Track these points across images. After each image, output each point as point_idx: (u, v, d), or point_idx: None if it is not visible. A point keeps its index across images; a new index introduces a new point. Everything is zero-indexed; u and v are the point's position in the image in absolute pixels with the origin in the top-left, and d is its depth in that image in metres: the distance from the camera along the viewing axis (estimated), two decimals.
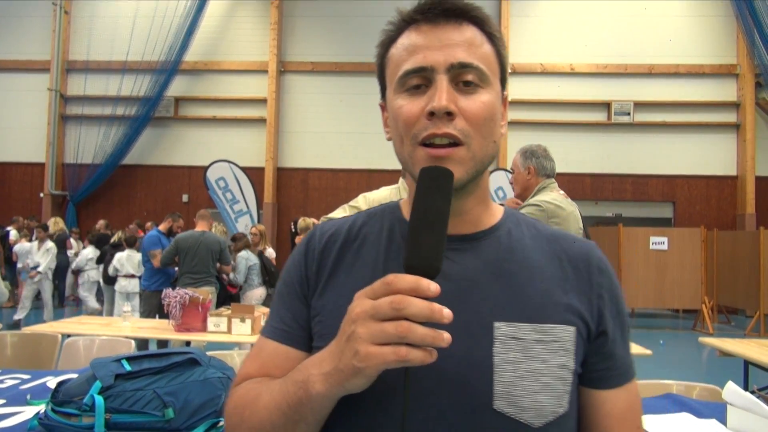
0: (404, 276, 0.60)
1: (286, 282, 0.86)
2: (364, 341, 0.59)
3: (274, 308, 0.87)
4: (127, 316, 4.56)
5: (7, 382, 2.23)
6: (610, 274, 0.83)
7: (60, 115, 13.14)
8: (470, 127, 0.74)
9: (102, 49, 13.02)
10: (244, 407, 0.76)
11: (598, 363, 0.79)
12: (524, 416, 0.70)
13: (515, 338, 0.73)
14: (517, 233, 0.83)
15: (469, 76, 0.74)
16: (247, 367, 0.83)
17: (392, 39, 0.81)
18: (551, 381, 0.72)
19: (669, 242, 9.99)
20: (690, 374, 6.16)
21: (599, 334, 0.78)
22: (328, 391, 0.64)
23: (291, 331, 0.82)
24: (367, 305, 0.60)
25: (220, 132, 12.96)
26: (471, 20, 0.78)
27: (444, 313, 0.58)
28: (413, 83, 0.75)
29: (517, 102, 12.30)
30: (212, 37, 12.92)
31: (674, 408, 2.10)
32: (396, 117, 0.77)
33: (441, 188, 0.64)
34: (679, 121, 12.16)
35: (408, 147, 0.76)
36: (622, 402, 0.80)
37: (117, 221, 12.14)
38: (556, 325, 0.75)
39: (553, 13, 12.52)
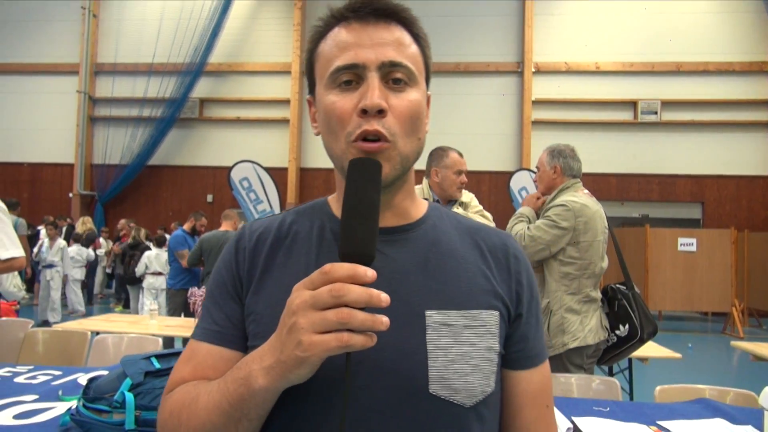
0: (341, 264, 0.62)
1: (218, 283, 0.85)
2: (306, 331, 0.60)
3: (205, 310, 0.85)
4: (154, 314, 4.63)
5: (40, 378, 2.27)
6: (526, 261, 0.89)
7: (88, 117, 13.42)
8: (399, 124, 0.76)
9: (129, 52, 13.26)
10: (181, 410, 0.74)
11: (515, 345, 0.85)
12: (457, 397, 0.75)
13: (446, 325, 0.77)
14: (442, 225, 0.87)
15: (398, 74, 0.77)
16: (180, 372, 0.82)
17: (322, 35, 0.82)
18: (480, 363, 0.77)
19: (698, 243, 9.78)
20: (721, 379, 6.03)
21: (516, 317, 0.84)
22: (271, 384, 0.65)
23: (225, 332, 0.81)
24: (307, 296, 0.62)
25: (244, 133, 13.08)
26: (400, 21, 0.80)
27: (382, 297, 0.60)
28: (344, 79, 0.77)
29: (542, 101, 12.18)
30: (236, 38, 13.05)
31: (708, 413, 2.05)
32: (328, 113, 0.78)
33: (371, 178, 0.67)
34: (708, 120, 11.89)
35: (342, 144, 0.77)
36: (534, 382, 0.86)
37: (143, 221, 12.35)
38: (482, 311, 0.80)
39: (577, 10, 12.36)
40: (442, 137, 11.15)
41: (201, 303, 4.22)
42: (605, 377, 2.61)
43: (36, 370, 2.41)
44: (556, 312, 2.80)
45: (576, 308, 2.79)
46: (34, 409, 1.85)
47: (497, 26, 12.57)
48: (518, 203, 10.89)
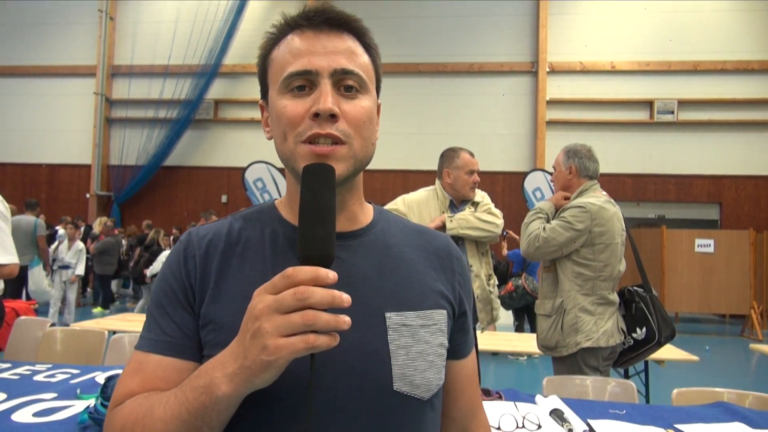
0: (303, 267, 0.62)
1: (165, 291, 0.82)
2: (271, 335, 0.61)
3: (151, 320, 0.82)
4: None
5: (58, 377, 2.31)
6: (464, 261, 0.97)
7: (105, 118, 13.58)
8: (351, 128, 0.79)
9: (145, 54, 13.40)
10: (135, 424, 0.72)
11: (458, 338, 0.93)
12: (417, 392, 0.80)
13: (404, 325, 0.81)
14: (390, 229, 0.91)
15: (350, 81, 0.80)
16: (127, 385, 0.79)
17: (275, 41, 0.84)
18: (434, 359, 0.83)
19: (715, 245, 9.65)
20: (739, 382, 5.94)
21: (461, 314, 0.92)
22: (234, 390, 0.65)
23: (176, 342, 0.79)
24: (270, 300, 0.62)
25: (258, 133, 13.15)
26: (351, 31, 0.83)
27: (344, 297, 0.62)
28: (297, 85, 0.79)
29: (557, 101, 12.10)
30: (250, 40, 13.13)
31: (726, 417, 2.02)
32: (280, 116, 0.80)
33: (325, 182, 0.68)
34: (725, 119, 11.73)
35: (291, 144, 0.79)
36: (469, 366, 0.97)
37: (159, 221, 12.47)
38: (433, 311, 0.85)
39: (592, 10, 12.26)
40: (457, 137, 11.12)
41: None
42: (621, 380, 2.59)
43: (54, 368, 2.45)
44: (570, 311, 2.77)
45: (590, 309, 2.76)
46: (53, 407, 1.88)
47: (511, 26, 12.51)
48: (532, 204, 10.82)
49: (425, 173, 11.38)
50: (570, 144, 3.06)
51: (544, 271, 2.98)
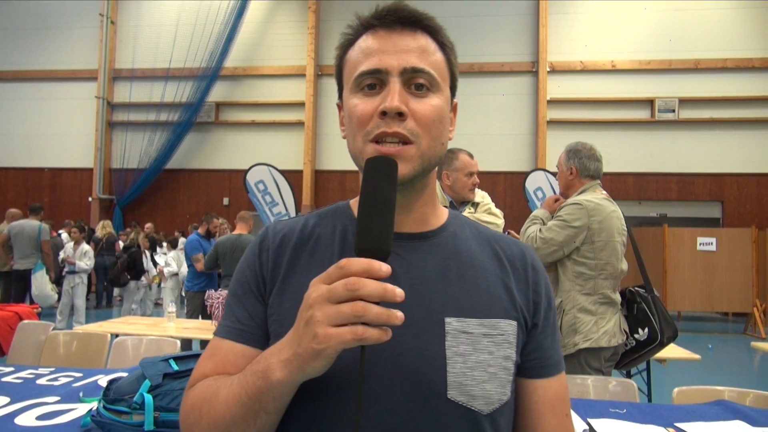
0: (356, 259, 0.63)
1: (241, 282, 0.87)
2: (322, 324, 0.62)
3: (228, 309, 0.87)
4: (171, 316, 4.68)
5: (61, 380, 2.31)
6: (543, 272, 0.91)
7: (107, 122, 13.62)
8: (419, 127, 0.78)
9: (146, 57, 13.44)
10: (202, 404, 0.76)
11: (531, 354, 0.86)
12: (474, 404, 0.76)
13: (464, 332, 0.78)
14: (462, 234, 0.89)
15: (420, 80, 0.79)
16: (202, 368, 0.84)
17: (350, 42, 0.85)
18: (497, 371, 0.79)
19: (717, 243, 9.64)
20: (742, 380, 5.93)
21: (533, 327, 0.86)
22: (288, 377, 0.66)
23: (247, 330, 0.83)
24: (323, 289, 0.63)
25: (260, 136, 13.18)
26: (425, 29, 0.83)
27: (396, 291, 0.61)
28: (367, 83, 0.79)
29: (557, 101, 12.10)
30: (251, 42, 13.16)
31: (727, 415, 2.02)
32: (351, 114, 0.81)
33: (386, 176, 0.68)
34: (727, 117, 11.72)
35: (360, 143, 0.79)
36: (552, 391, 0.87)
37: (161, 224, 12.51)
38: (500, 320, 0.81)
39: (592, 9, 12.26)
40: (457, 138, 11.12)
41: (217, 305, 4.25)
42: (622, 378, 2.59)
43: (57, 371, 2.46)
44: (569, 311, 2.76)
45: (591, 309, 2.75)
46: (56, 411, 1.89)
47: (511, 26, 12.51)
48: (534, 203, 10.82)
49: None
50: (572, 143, 3.04)
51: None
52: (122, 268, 8.36)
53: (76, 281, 7.78)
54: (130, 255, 8.51)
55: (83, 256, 7.88)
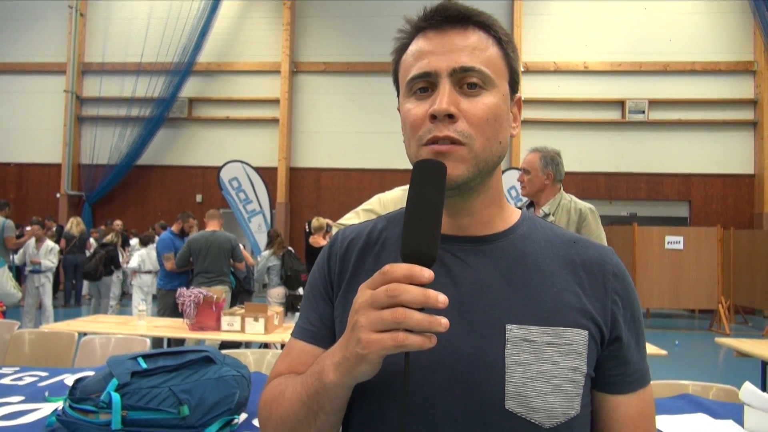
0: (399, 265, 0.62)
1: (312, 285, 0.91)
2: (365, 329, 0.62)
3: (302, 311, 0.91)
4: (142, 314, 4.61)
5: (26, 380, 2.26)
6: (626, 279, 0.84)
7: (76, 117, 13.32)
8: (472, 128, 0.76)
9: (117, 51, 13.17)
10: (272, 401, 0.80)
11: (612, 368, 0.80)
12: (535, 417, 0.72)
13: (527, 340, 0.75)
14: (533, 236, 0.84)
15: (472, 78, 0.77)
16: (278, 366, 0.88)
17: (404, 46, 0.84)
18: (562, 383, 0.74)
19: (685, 242, 9.88)
20: (706, 375, 6.09)
21: (614, 340, 0.80)
22: (339, 379, 0.68)
23: (317, 331, 0.87)
24: (367, 295, 0.64)
25: (234, 132, 13.04)
26: (476, 25, 0.80)
27: (439, 298, 0.60)
28: (419, 87, 0.79)
29: (530, 101, 12.23)
30: (225, 38, 13.00)
31: (690, 408, 2.08)
32: (405, 120, 0.81)
33: (433, 179, 0.67)
34: (694, 119, 12.02)
35: (414, 148, 0.79)
36: (635, 408, 0.82)
37: (132, 221, 12.29)
38: (567, 329, 0.76)
39: (566, 10, 12.44)
40: None
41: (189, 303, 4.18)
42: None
43: (22, 371, 2.40)
44: None
45: None
46: (20, 411, 1.85)
47: None
48: (509, 202, 10.93)
49: (402, 172, 11.41)
50: (540, 147, 3.13)
51: None
52: (99, 263, 8.19)
53: (42, 281, 7.50)
54: (108, 252, 8.37)
55: (48, 254, 7.61)
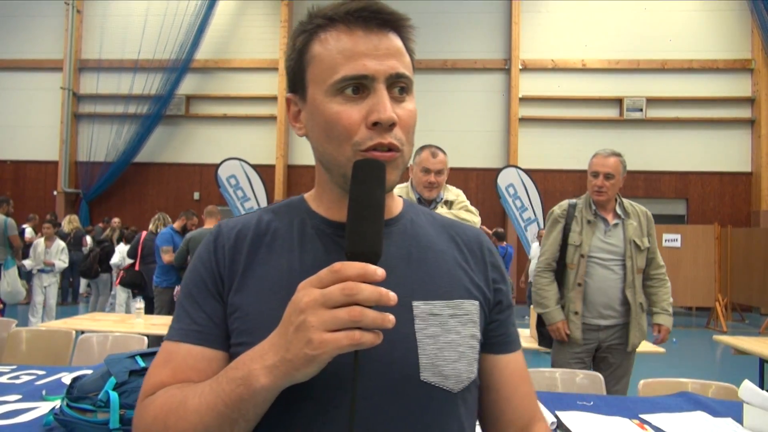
0: (352, 263, 0.62)
1: (196, 282, 0.83)
2: (317, 329, 0.60)
3: (181, 310, 0.82)
4: (139, 312, 4.60)
5: (23, 378, 2.25)
6: (498, 254, 0.95)
7: (73, 114, 13.27)
8: (404, 134, 0.77)
9: (114, 48, 13.12)
10: (168, 415, 0.72)
11: (498, 330, 0.90)
12: (447, 384, 0.78)
13: (432, 314, 0.80)
14: (418, 220, 0.90)
15: (402, 84, 0.78)
16: (157, 376, 0.78)
17: (314, 34, 0.79)
18: (465, 350, 0.81)
19: (682, 239, 9.90)
20: (704, 373, 6.11)
21: (496, 304, 0.89)
22: (273, 383, 0.64)
23: (206, 331, 0.79)
24: (316, 294, 0.61)
25: (231, 130, 13.01)
26: (398, 30, 0.80)
27: (390, 296, 0.61)
28: (350, 89, 0.75)
29: (528, 98, 12.24)
30: (223, 35, 12.97)
31: (689, 406, 2.08)
32: (332, 122, 0.76)
33: (377, 179, 0.68)
34: (692, 117, 12.03)
35: (348, 152, 0.76)
36: (519, 363, 0.93)
37: (129, 219, 12.26)
38: (464, 300, 0.83)
39: (564, 8, 12.43)
40: (430, 134, 11.16)
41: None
42: (589, 371, 2.65)
43: (19, 369, 2.39)
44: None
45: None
46: (17, 409, 1.84)
47: (485, 23, 12.60)
48: (506, 200, 10.94)
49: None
50: (614, 151, 3.23)
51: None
52: (94, 261, 8.17)
53: (51, 280, 7.34)
54: (103, 249, 8.36)
55: (60, 253, 7.45)
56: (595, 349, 3.06)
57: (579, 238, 3.06)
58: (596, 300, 3.01)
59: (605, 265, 3.02)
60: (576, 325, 2.99)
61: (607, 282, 3.01)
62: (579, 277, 3.02)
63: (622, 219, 3.11)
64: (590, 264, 3.02)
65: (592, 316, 3.01)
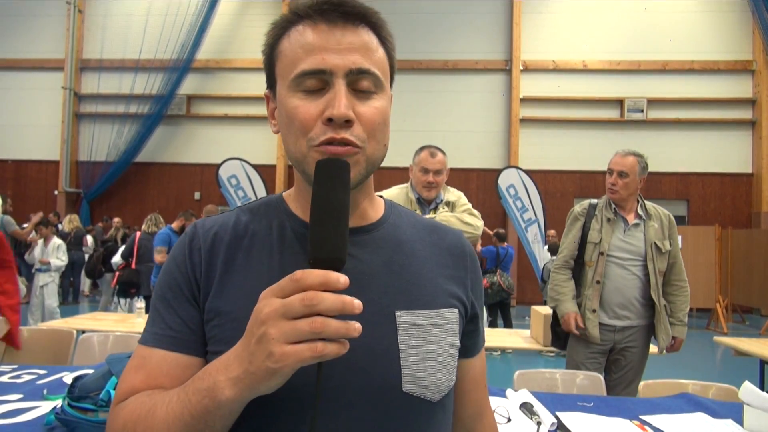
0: (312, 271, 0.59)
1: (170, 285, 0.80)
2: (277, 342, 0.58)
3: (156, 314, 0.79)
4: (140, 312, 4.60)
5: (24, 377, 2.26)
6: (477, 260, 0.93)
7: (74, 113, 13.28)
8: (366, 132, 0.75)
9: (115, 48, 13.14)
10: (137, 423, 0.69)
11: (469, 337, 0.90)
12: (427, 394, 0.77)
13: (415, 324, 0.78)
14: (401, 225, 0.88)
15: (365, 82, 0.75)
16: (130, 381, 0.76)
17: (283, 30, 0.80)
18: (446, 359, 0.80)
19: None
20: (704, 374, 6.11)
21: (474, 314, 0.89)
22: (237, 396, 0.62)
23: (181, 337, 0.77)
24: (277, 304, 0.59)
25: (232, 130, 13.02)
26: (368, 24, 0.78)
27: (355, 303, 0.58)
28: (309, 83, 0.74)
29: (530, 99, 12.24)
30: (224, 35, 12.98)
31: (690, 408, 2.08)
32: (291, 117, 0.75)
33: (339, 179, 0.65)
34: (693, 118, 12.02)
35: (304, 149, 0.75)
36: (478, 367, 0.94)
37: (130, 218, 12.27)
38: (445, 309, 0.82)
39: (565, 9, 12.43)
40: (431, 135, 11.15)
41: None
42: (590, 373, 2.65)
43: (20, 369, 2.40)
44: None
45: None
46: (19, 409, 1.84)
47: (486, 24, 12.60)
48: (506, 201, 10.93)
49: (399, 170, 11.39)
50: (635, 151, 3.20)
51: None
52: (98, 261, 8.18)
53: (47, 279, 7.21)
54: (107, 248, 8.36)
55: (56, 251, 7.36)
56: (609, 350, 3.06)
57: (598, 236, 3.06)
58: (612, 300, 3.01)
59: (623, 265, 3.03)
60: (593, 323, 2.98)
61: (624, 282, 3.01)
62: (597, 275, 3.02)
63: (643, 220, 3.11)
64: (608, 263, 3.02)
65: (607, 316, 3.02)
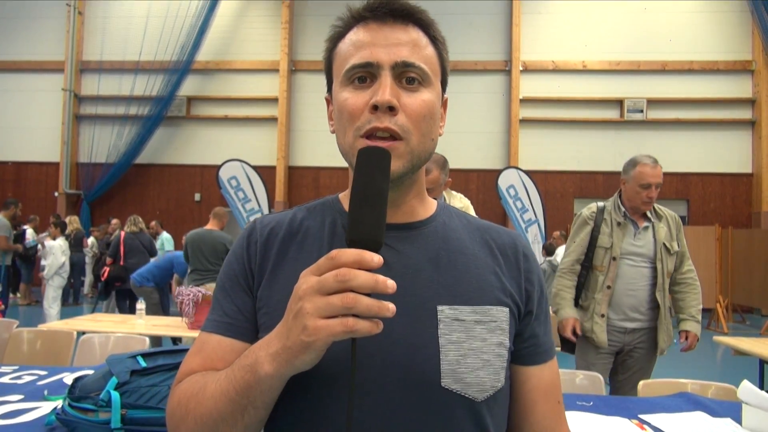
0: (347, 250, 0.61)
1: (229, 275, 0.86)
2: (311, 315, 0.60)
3: (216, 302, 0.86)
4: (141, 313, 4.61)
5: (25, 378, 2.26)
6: (535, 260, 0.91)
7: (74, 115, 13.28)
8: (410, 123, 0.77)
9: (115, 49, 13.14)
10: (189, 399, 0.75)
11: (525, 341, 0.87)
12: (469, 391, 0.76)
13: (457, 320, 0.78)
14: (451, 223, 0.89)
15: (412, 74, 0.78)
16: (190, 364, 0.82)
17: (341, 35, 0.83)
18: (491, 358, 0.79)
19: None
20: (704, 373, 6.10)
21: (527, 314, 0.86)
22: (276, 371, 0.65)
23: (235, 323, 0.82)
24: (313, 281, 0.62)
25: (232, 131, 13.02)
26: (417, 23, 0.82)
27: (388, 283, 0.59)
28: (358, 77, 0.78)
29: (529, 99, 12.24)
30: (224, 36, 12.98)
31: (689, 407, 2.09)
32: (341, 109, 0.79)
33: (379, 166, 0.67)
34: (693, 118, 12.02)
35: (350, 138, 0.78)
36: (545, 378, 0.88)
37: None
38: (492, 307, 0.81)
39: (564, 9, 12.44)
40: None
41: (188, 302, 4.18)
42: (589, 372, 2.65)
43: (21, 370, 2.40)
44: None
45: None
46: (19, 409, 1.84)
47: (485, 25, 12.61)
48: (506, 201, 10.95)
49: None
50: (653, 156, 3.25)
51: None
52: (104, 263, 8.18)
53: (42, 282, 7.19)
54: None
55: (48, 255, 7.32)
56: (617, 352, 3.04)
57: (609, 241, 3.02)
58: (623, 302, 2.98)
59: (634, 268, 3.01)
60: (601, 328, 2.96)
61: (635, 284, 2.99)
62: (608, 280, 2.98)
63: (652, 222, 3.10)
64: (620, 267, 3.00)
65: (618, 318, 2.99)
